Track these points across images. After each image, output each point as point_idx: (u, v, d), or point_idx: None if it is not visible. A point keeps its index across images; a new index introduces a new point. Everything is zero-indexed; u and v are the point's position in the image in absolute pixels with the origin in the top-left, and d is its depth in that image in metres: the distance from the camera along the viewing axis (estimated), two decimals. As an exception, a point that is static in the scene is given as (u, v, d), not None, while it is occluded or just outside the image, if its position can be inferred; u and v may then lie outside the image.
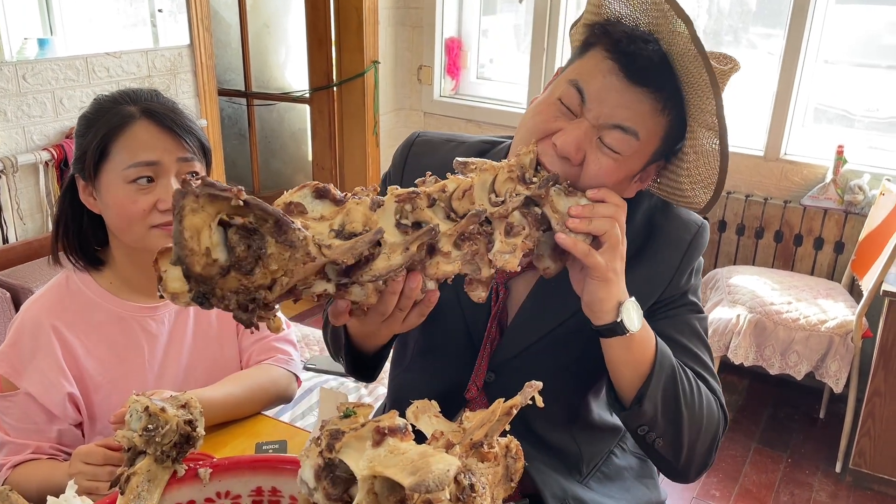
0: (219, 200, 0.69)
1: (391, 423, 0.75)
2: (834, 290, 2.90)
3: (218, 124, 3.07)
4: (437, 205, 0.88)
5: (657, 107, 0.97)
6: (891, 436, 2.61)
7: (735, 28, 3.62)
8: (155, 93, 1.30)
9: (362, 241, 0.80)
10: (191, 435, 0.95)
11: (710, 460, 1.14)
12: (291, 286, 0.78)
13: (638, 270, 1.12)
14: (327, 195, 0.83)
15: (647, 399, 1.03)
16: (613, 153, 0.98)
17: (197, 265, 0.70)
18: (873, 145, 3.20)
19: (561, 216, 0.93)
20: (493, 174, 0.91)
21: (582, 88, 0.98)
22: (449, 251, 0.88)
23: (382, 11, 3.73)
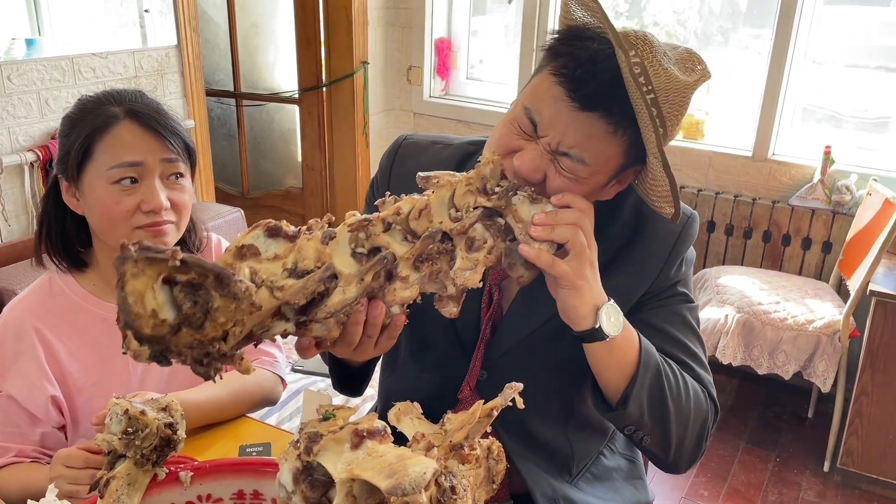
0: (157, 262, 0.71)
1: (369, 425, 0.75)
2: (821, 290, 2.91)
3: (206, 125, 3.06)
4: (394, 228, 0.87)
5: (609, 129, 0.95)
6: (878, 435, 2.62)
7: (725, 29, 3.63)
8: (140, 93, 1.29)
9: (312, 281, 0.80)
10: (171, 438, 0.94)
11: (700, 451, 1.14)
12: (247, 333, 0.79)
13: (627, 262, 1.13)
14: (279, 233, 0.83)
15: (633, 400, 1.02)
16: (569, 175, 0.97)
17: (145, 327, 0.71)
18: (861, 145, 3.21)
19: (525, 225, 0.91)
20: (450, 189, 0.89)
21: (533, 117, 0.98)
22: (407, 275, 0.87)
23: (371, 12, 3.72)
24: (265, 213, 4.17)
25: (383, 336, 0.92)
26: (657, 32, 3.67)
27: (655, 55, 0.96)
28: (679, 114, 0.99)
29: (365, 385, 1.25)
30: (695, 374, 1.13)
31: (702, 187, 3.33)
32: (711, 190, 3.30)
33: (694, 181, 3.36)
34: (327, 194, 4.03)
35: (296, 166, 4.19)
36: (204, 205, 2.77)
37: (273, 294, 0.79)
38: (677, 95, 0.97)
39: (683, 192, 3.30)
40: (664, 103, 0.95)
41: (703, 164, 3.32)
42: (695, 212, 1.19)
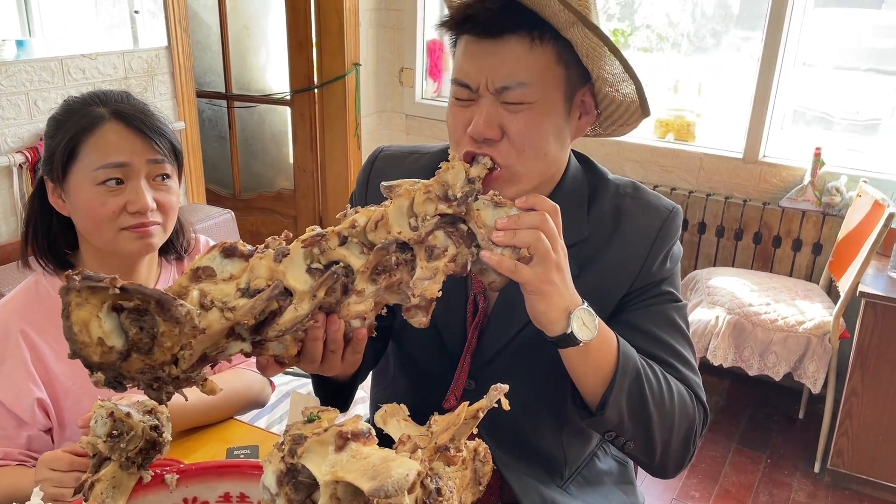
0: (99, 290, 0.72)
1: (354, 427, 0.75)
2: (812, 292, 2.92)
3: (196, 126, 3.05)
4: (351, 241, 0.86)
5: (525, 44, 0.98)
6: (868, 436, 2.63)
7: (717, 31, 3.65)
8: (126, 94, 1.29)
9: (260, 300, 0.80)
10: (157, 441, 0.94)
11: (688, 455, 1.12)
12: (201, 355, 0.80)
13: (608, 258, 1.12)
14: (235, 253, 0.84)
15: (611, 405, 1.00)
16: (521, 105, 0.99)
17: (93, 355, 0.73)
18: (851, 147, 3.23)
19: (488, 230, 0.88)
20: (409, 198, 0.87)
21: (461, 79, 1.01)
22: (363, 289, 0.86)
23: (363, 13, 3.72)
24: (257, 215, 4.16)
25: (348, 351, 0.92)
26: (649, 35, 3.69)
27: None
28: None
29: (350, 400, 1.24)
30: (681, 376, 1.11)
31: (693, 189, 3.33)
32: (702, 191, 3.30)
33: (685, 183, 3.37)
34: (319, 196, 4.03)
35: (287, 168, 4.19)
36: (194, 206, 2.76)
37: (224, 315, 0.79)
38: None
39: (674, 193, 3.31)
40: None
41: (695, 166, 3.33)
42: (677, 206, 1.17)
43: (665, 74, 3.67)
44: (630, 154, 3.44)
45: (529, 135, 1.00)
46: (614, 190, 1.16)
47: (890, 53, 3.46)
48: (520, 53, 0.98)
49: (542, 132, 1.01)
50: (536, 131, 1.00)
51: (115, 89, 1.29)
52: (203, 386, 0.86)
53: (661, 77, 3.68)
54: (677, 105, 3.45)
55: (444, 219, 0.87)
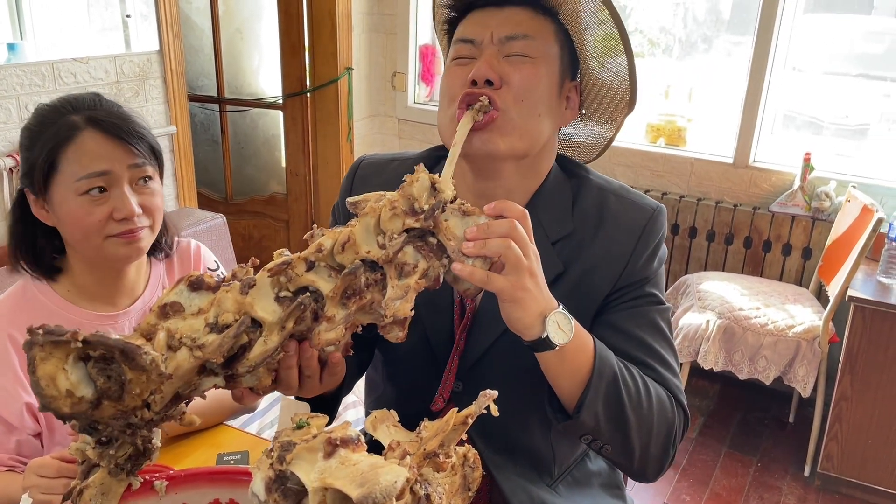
0: (63, 345, 0.72)
1: (343, 434, 0.75)
2: (801, 296, 2.94)
3: (188, 130, 3.05)
4: (318, 266, 0.84)
5: (531, 13, 1.07)
6: (858, 439, 2.64)
7: (708, 36, 3.67)
8: (97, 98, 1.27)
9: (227, 337, 0.79)
10: (146, 447, 0.93)
11: (667, 459, 1.11)
12: (173, 396, 0.80)
13: (593, 253, 1.12)
14: (202, 286, 0.83)
15: (586, 408, 0.99)
16: (524, 58, 1.06)
17: (63, 407, 0.73)
18: (840, 152, 3.25)
19: (458, 241, 0.87)
20: (375, 216, 0.85)
21: (464, 36, 1.09)
22: (333, 314, 0.84)
23: (356, 18, 3.73)
24: (249, 219, 4.15)
25: (325, 373, 0.92)
26: (641, 40, 3.70)
27: None
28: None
29: (335, 412, 1.24)
30: (661, 379, 1.10)
31: (684, 193, 3.35)
32: (693, 196, 3.32)
33: (676, 187, 3.38)
34: (311, 200, 4.03)
35: (280, 172, 4.18)
36: (186, 211, 2.75)
37: (193, 354, 0.79)
38: None
39: (666, 198, 3.32)
40: None
41: (686, 171, 3.35)
42: (661, 205, 1.17)
43: (656, 79, 3.69)
44: (621, 159, 3.45)
45: (529, 85, 1.05)
46: (598, 189, 1.17)
47: (879, 59, 3.48)
48: (525, 17, 1.07)
49: (540, 88, 1.07)
50: (535, 83, 1.06)
51: (85, 93, 1.27)
52: (181, 420, 0.86)
53: (653, 82, 3.70)
54: (668, 110, 3.47)
55: (412, 233, 0.85)
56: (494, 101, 1.03)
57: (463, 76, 1.05)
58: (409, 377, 1.26)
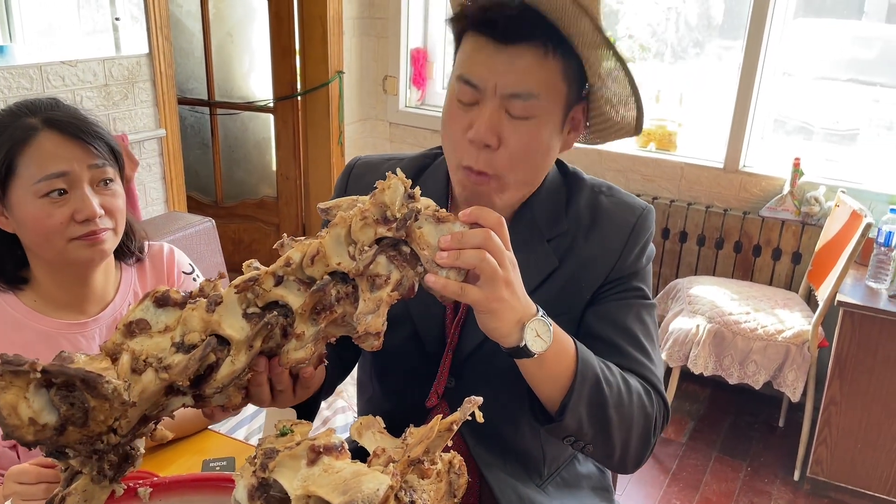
0: (23, 374, 0.72)
1: (326, 441, 0.74)
2: (791, 301, 2.94)
3: (178, 134, 3.03)
4: (287, 279, 0.81)
5: (539, 55, 0.98)
6: (847, 444, 2.65)
7: (700, 41, 3.68)
8: (55, 101, 1.26)
9: (193, 360, 0.78)
10: (129, 453, 0.92)
11: (647, 450, 1.12)
12: (140, 418, 0.79)
13: (586, 250, 1.15)
14: (168, 302, 0.81)
15: (570, 412, 0.99)
16: (525, 119, 1.00)
17: (27, 435, 0.73)
18: (830, 157, 3.26)
19: (432, 250, 0.83)
20: (345, 226, 0.82)
21: (468, 78, 1.01)
22: (303, 331, 0.81)
23: (347, 21, 3.72)
24: (239, 222, 4.14)
25: (298, 386, 0.92)
26: (631, 45, 3.71)
27: None
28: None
29: (314, 414, 1.23)
30: (641, 369, 1.12)
31: (674, 198, 3.35)
32: (684, 201, 3.32)
33: (667, 192, 3.39)
34: (302, 203, 4.02)
35: (270, 175, 4.17)
36: (174, 215, 2.74)
37: (159, 376, 0.78)
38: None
39: (656, 202, 3.33)
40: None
41: (676, 176, 3.36)
42: (650, 205, 1.21)
43: (647, 84, 3.69)
44: (611, 163, 3.46)
45: (527, 148, 1.02)
46: (590, 189, 1.20)
47: (870, 64, 3.50)
48: (532, 63, 0.98)
49: (539, 146, 1.04)
50: (534, 144, 1.03)
51: (43, 98, 1.26)
52: (152, 437, 0.85)
53: (644, 86, 3.70)
54: (659, 114, 3.48)
55: (384, 241, 0.83)
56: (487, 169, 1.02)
57: (463, 123, 1.02)
58: (399, 375, 1.26)
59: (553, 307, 1.07)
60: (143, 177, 2.92)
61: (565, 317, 1.12)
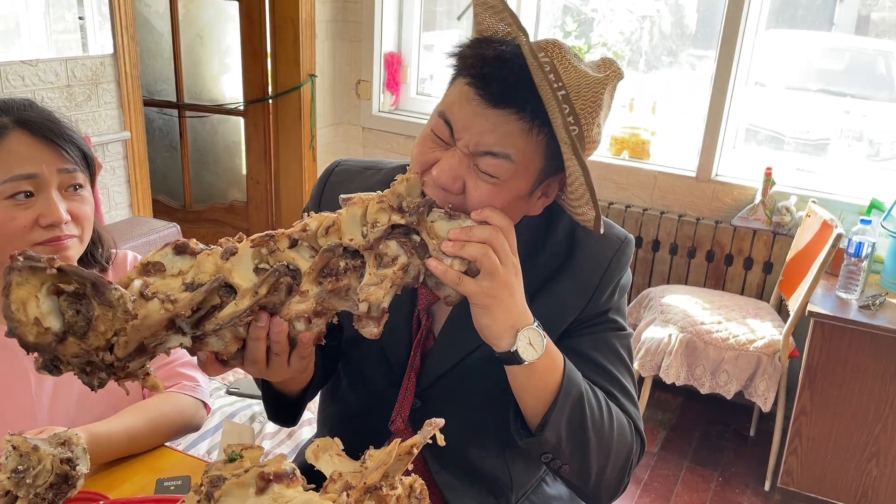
0: (39, 271, 0.75)
1: (277, 468, 0.70)
2: (762, 310, 2.94)
3: (143, 136, 2.96)
4: (301, 244, 0.87)
5: (524, 126, 0.93)
6: (817, 454, 2.65)
7: (673, 50, 3.69)
8: (28, 102, 1.22)
9: (199, 292, 0.81)
10: (69, 474, 0.88)
11: (622, 485, 1.10)
12: (137, 345, 0.80)
13: (558, 286, 1.11)
14: (186, 250, 0.86)
15: (550, 427, 0.98)
16: (491, 178, 0.94)
17: (29, 335, 0.75)
18: (801, 167, 3.28)
19: (440, 241, 0.88)
20: (363, 207, 0.88)
21: (448, 119, 0.95)
22: (307, 290, 0.86)
23: (320, 24, 3.67)
24: (208, 227, 4.06)
25: (294, 356, 0.91)
26: (605, 53, 3.71)
27: (565, 55, 0.95)
28: (593, 111, 0.96)
29: (299, 415, 1.21)
30: (620, 405, 1.10)
31: (647, 207, 3.35)
32: (657, 209, 3.32)
33: (640, 200, 3.38)
34: (272, 208, 3.95)
35: (240, 179, 4.11)
36: (138, 220, 2.67)
37: (164, 305, 0.80)
38: (588, 91, 0.95)
39: (629, 211, 3.32)
40: (576, 99, 0.93)
41: (649, 184, 3.35)
42: (630, 236, 1.16)
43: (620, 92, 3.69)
44: (586, 171, 3.44)
45: (481, 205, 0.95)
46: (569, 219, 1.12)
47: (840, 74, 3.53)
48: (515, 132, 0.93)
49: (498, 206, 0.96)
50: (492, 204, 0.95)
51: (18, 98, 1.22)
52: (145, 381, 0.84)
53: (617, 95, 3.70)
54: (632, 123, 3.47)
55: (397, 229, 0.88)
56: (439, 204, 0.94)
57: (431, 157, 0.97)
58: (369, 388, 1.23)
59: None
60: (106, 180, 2.84)
61: None
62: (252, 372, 0.93)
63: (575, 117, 0.93)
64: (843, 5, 3.50)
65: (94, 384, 0.79)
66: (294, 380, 1.09)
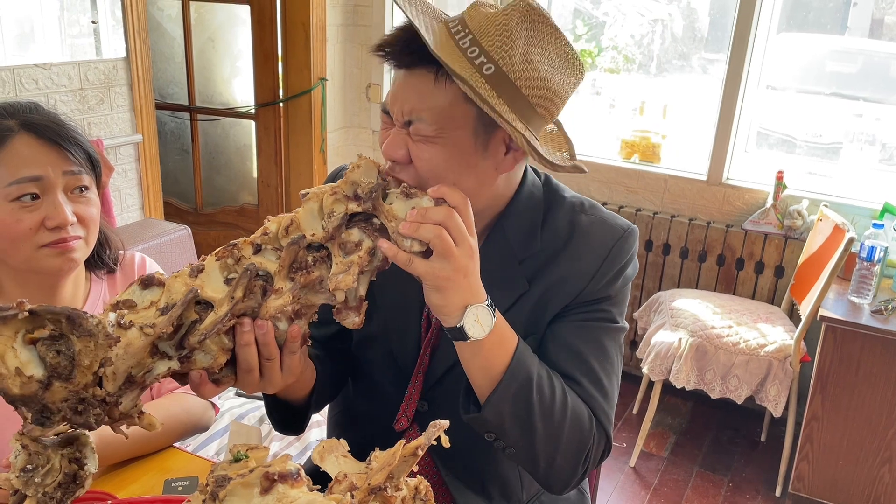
0: (10, 320, 0.73)
1: (282, 468, 0.70)
2: (773, 315, 2.93)
3: (155, 139, 2.98)
4: (265, 248, 0.88)
5: (430, 79, 0.95)
6: (828, 460, 2.63)
7: (685, 53, 3.68)
8: (35, 105, 1.23)
9: (177, 307, 0.82)
10: (77, 474, 0.88)
11: (576, 476, 1.08)
12: (127, 376, 0.80)
13: (556, 272, 1.10)
14: (153, 282, 0.86)
15: (491, 406, 0.98)
16: (425, 140, 0.97)
17: (13, 387, 0.74)
18: (813, 171, 3.26)
19: (398, 222, 0.89)
20: (318, 200, 0.89)
21: (384, 107, 1.01)
22: (281, 287, 0.88)
23: (331, 28, 3.69)
24: (219, 230, 4.08)
25: (285, 355, 0.91)
26: (615, 56, 3.70)
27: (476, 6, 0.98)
28: (505, 44, 0.94)
29: (305, 423, 1.21)
30: (587, 397, 1.07)
31: (658, 210, 3.34)
32: (667, 213, 3.31)
33: (650, 204, 3.37)
34: (283, 211, 3.95)
35: (251, 182, 4.12)
36: (149, 222, 2.69)
37: (143, 331, 0.80)
38: (492, 27, 0.95)
39: (639, 214, 3.31)
40: (482, 38, 0.94)
41: (660, 188, 3.34)
42: (634, 226, 1.15)
43: (631, 95, 3.68)
44: (595, 174, 3.43)
45: (431, 167, 0.98)
46: (570, 207, 1.14)
47: (852, 78, 3.51)
48: (424, 89, 0.96)
49: (447, 167, 0.98)
50: (440, 165, 0.97)
51: (24, 101, 1.23)
52: (140, 419, 0.84)
53: (628, 98, 3.69)
54: (643, 126, 3.46)
55: (357, 216, 0.89)
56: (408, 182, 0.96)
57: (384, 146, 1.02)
58: (377, 390, 1.23)
59: (523, 330, 1.05)
60: (118, 183, 2.86)
61: (533, 339, 1.09)
62: (247, 386, 0.92)
63: (487, 56, 0.93)
64: (856, 8, 3.48)
65: (92, 422, 0.79)
66: (294, 386, 1.07)
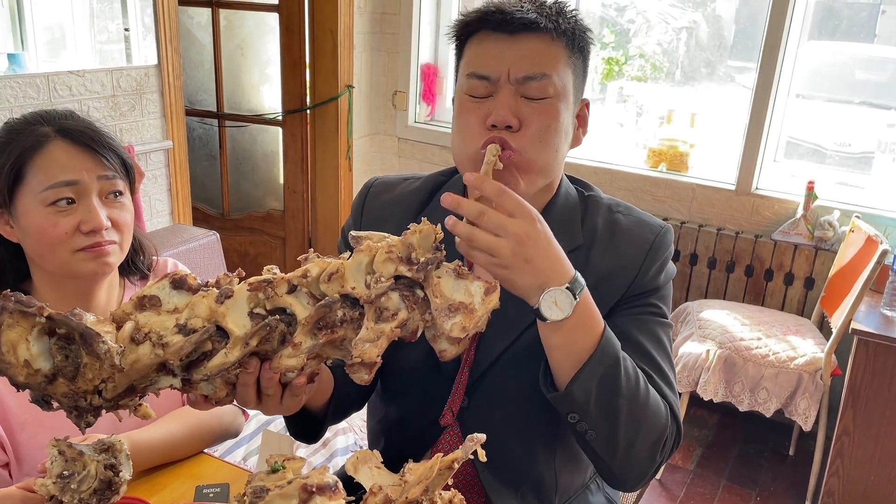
0: (29, 315, 0.76)
1: (319, 480, 0.70)
2: (803, 327, 2.88)
3: (185, 146, 3.01)
4: (300, 290, 0.84)
5: (546, 39, 1.04)
6: (859, 475, 2.58)
7: (711, 61, 3.65)
8: (70, 112, 1.25)
9: (189, 343, 0.81)
10: (112, 480, 0.89)
11: (652, 467, 1.07)
12: (126, 387, 0.81)
13: (603, 266, 1.13)
14: (184, 285, 0.85)
15: (579, 384, 0.97)
16: (543, 100, 1.04)
17: (18, 376, 0.76)
18: (844, 181, 3.21)
19: (444, 300, 0.84)
20: (370, 255, 0.84)
21: (479, 72, 1.05)
22: (300, 342, 0.84)
23: (358, 36, 3.71)
24: (245, 235, 4.11)
25: (286, 395, 0.91)
26: (642, 64, 3.68)
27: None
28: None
29: (322, 432, 1.21)
30: (657, 388, 1.07)
31: (685, 219, 3.31)
32: (695, 223, 3.28)
33: (677, 213, 3.34)
34: (309, 217, 3.99)
35: (277, 188, 4.15)
36: (178, 227, 2.71)
37: (154, 350, 0.80)
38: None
39: (667, 223, 3.28)
40: None
41: (687, 197, 3.31)
42: (668, 224, 1.20)
43: (658, 104, 3.66)
44: (622, 183, 3.41)
45: (548, 127, 1.04)
46: (606, 207, 1.20)
47: (882, 87, 3.46)
48: (541, 47, 1.04)
49: (559, 126, 1.05)
50: (554, 124, 1.05)
51: (59, 109, 1.25)
52: (136, 411, 0.86)
53: (655, 106, 3.67)
54: (670, 135, 3.44)
55: (400, 282, 0.84)
56: (514, 145, 1.02)
57: (480, 114, 1.05)
58: (414, 392, 1.23)
59: None
60: (148, 188, 2.89)
61: None
62: (243, 406, 0.95)
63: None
64: (885, 16, 3.43)
65: (82, 426, 0.80)
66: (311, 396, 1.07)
